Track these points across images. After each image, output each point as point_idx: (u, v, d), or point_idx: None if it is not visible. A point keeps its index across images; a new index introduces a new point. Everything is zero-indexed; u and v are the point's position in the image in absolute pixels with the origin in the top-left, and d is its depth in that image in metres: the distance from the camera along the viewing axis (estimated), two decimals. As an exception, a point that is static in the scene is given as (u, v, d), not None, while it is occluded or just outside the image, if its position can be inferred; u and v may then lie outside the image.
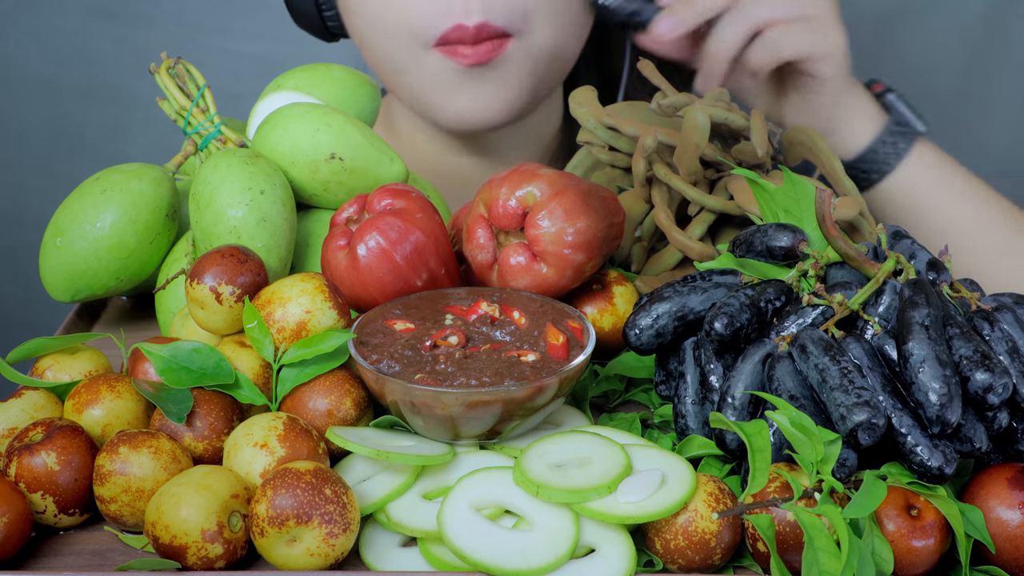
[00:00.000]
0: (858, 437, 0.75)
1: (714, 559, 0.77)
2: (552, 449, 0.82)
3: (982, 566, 0.78)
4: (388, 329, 0.88)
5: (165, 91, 1.04)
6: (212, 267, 0.89)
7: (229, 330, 0.91)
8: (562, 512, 0.78)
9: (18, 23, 1.84)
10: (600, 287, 0.98)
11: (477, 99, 1.21)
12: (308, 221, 1.04)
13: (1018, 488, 0.77)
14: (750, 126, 1.03)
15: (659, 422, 0.92)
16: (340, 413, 0.86)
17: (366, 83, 1.10)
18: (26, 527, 0.80)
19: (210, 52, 1.81)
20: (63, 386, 0.90)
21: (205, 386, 0.86)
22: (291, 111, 1.02)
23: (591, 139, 1.10)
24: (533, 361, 0.84)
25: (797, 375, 0.80)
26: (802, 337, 0.80)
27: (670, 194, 1.04)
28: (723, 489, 0.79)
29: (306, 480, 0.77)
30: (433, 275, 0.94)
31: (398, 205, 0.93)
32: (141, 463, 0.80)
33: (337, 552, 0.77)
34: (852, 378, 0.76)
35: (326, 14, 1.28)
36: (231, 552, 0.77)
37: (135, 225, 1.01)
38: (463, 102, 1.21)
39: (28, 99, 1.88)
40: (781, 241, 0.89)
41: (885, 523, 0.75)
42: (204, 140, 1.04)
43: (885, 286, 0.83)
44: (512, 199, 0.92)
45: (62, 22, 1.83)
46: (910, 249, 0.87)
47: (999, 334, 0.80)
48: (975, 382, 0.75)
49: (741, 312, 0.83)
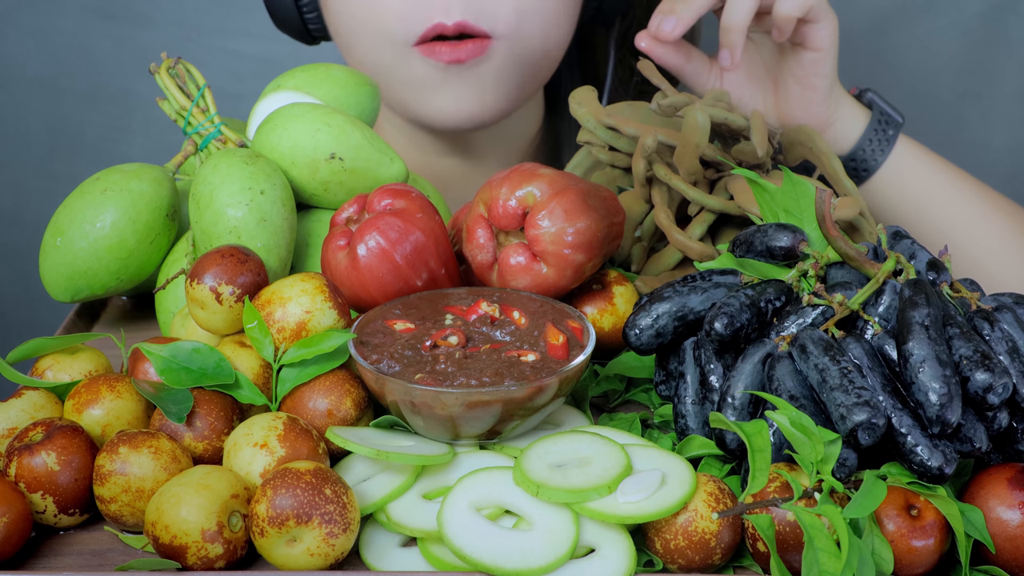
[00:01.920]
0: (858, 437, 0.75)
1: (714, 559, 0.77)
2: (552, 449, 0.82)
3: (982, 566, 0.78)
4: (388, 329, 0.88)
5: (165, 91, 1.04)
6: (212, 267, 0.89)
7: (229, 330, 0.91)
8: (562, 512, 0.78)
9: (18, 23, 1.84)
10: (600, 287, 0.98)
11: (461, 98, 1.21)
12: (308, 221, 1.04)
13: (1018, 488, 0.77)
14: (750, 126, 1.03)
15: (659, 422, 0.92)
16: (340, 413, 0.86)
17: (366, 83, 1.10)
18: (26, 527, 0.80)
19: (210, 52, 1.81)
20: (63, 386, 0.90)
21: (205, 386, 0.86)
22: (291, 111, 1.02)
23: (591, 139, 1.10)
24: (533, 361, 0.84)
25: (797, 375, 0.80)
26: (802, 337, 0.80)
27: (670, 194, 1.04)
28: (723, 489, 0.79)
29: (306, 480, 0.77)
30: (433, 275, 0.94)
31: (398, 205, 0.93)
32: (141, 463, 0.80)
33: (337, 552, 0.77)
34: (852, 378, 0.76)
35: (307, 16, 1.29)
36: (231, 552, 0.77)
37: (135, 225, 1.01)
38: (447, 101, 1.21)
39: (28, 99, 1.88)
40: (781, 241, 0.89)
41: (885, 523, 0.75)
42: (204, 140, 1.04)
43: (885, 286, 0.83)
44: (512, 199, 0.92)
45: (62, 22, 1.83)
46: (910, 249, 0.87)
47: (999, 334, 0.80)
48: (975, 382, 0.75)
49: (741, 312, 0.83)
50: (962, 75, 1.75)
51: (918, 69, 1.75)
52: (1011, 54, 1.73)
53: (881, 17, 1.74)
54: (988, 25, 1.72)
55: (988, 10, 1.72)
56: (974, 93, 1.76)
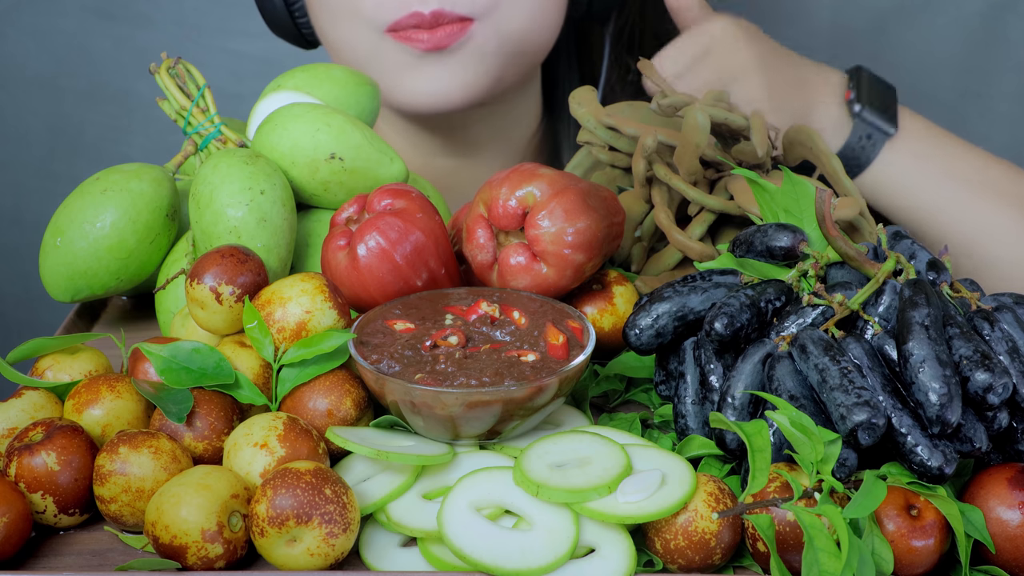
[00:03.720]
0: (858, 437, 0.75)
1: (714, 559, 0.77)
2: (552, 449, 0.82)
3: (982, 566, 0.78)
4: (388, 329, 0.88)
5: (165, 91, 1.04)
6: (212, 267, 0.89)
7: (229, 330, 0.91)
8: (562, 512, 0.78)
9: (18, 23, 1.84)
10: (600, 287, 0.98)
11: (437, 81, 1.20)
12: (308, 221, 1.04)
13: (1018, 488, 0.77)
14: (750, 126, 1.03)
15: (659, 422, 0.92)
16: (340, 413, 0.86)
17: (366, 83, 1.10)
18: (26, 527, 0.80)
19: (210, 52, 1.81)
20: (63, 386, 0.90)
21: (205, 386, 0.86)
22: (291, 111, 1.02)
23: (591, 139, 1.10)
24: (533, 361, 0.84)
25: (797, 375, 0.80)
26: (802, 337, 0.80)
27: (670, 194, 1.04)
28: (723, 489, 0.79)
29: (306, 480, 0.77)
30: (433, 275, 0.94)
31: (398, 205, 0.93)
32: (141, 463, 0.80)
33: (337, 552, 0.77)
34: (852, 378, 0.76)
35: (299, 21, 1.28)
36: (231, 552, 0.77)
37: (135, 225, 1.01)
38: (421, 84, 1.20)
39: (28, 99, 1.88)
40: (781, 241, 0.89)
41: (885, 523, 0.75)
42: (204, 140, 1.04)
43: (885, 286, 0.83)
44: (512, 199, 0.92)
45: (62, 22, 1.83)
46: (910, 249, 0.87)
47: (999, 334, 0.80)
48: (975, 382, 0.75)
49: (741, 312, 0.83)
50: (962, 75, 1.75)
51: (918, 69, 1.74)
52: (1011, 53, 1.73)
53: (881, 17, 1.74)
54: (988, 25, 1.72)
55: (988, 10, 1.72)
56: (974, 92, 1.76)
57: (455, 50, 1.18)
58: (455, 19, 1.16)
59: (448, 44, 1.17)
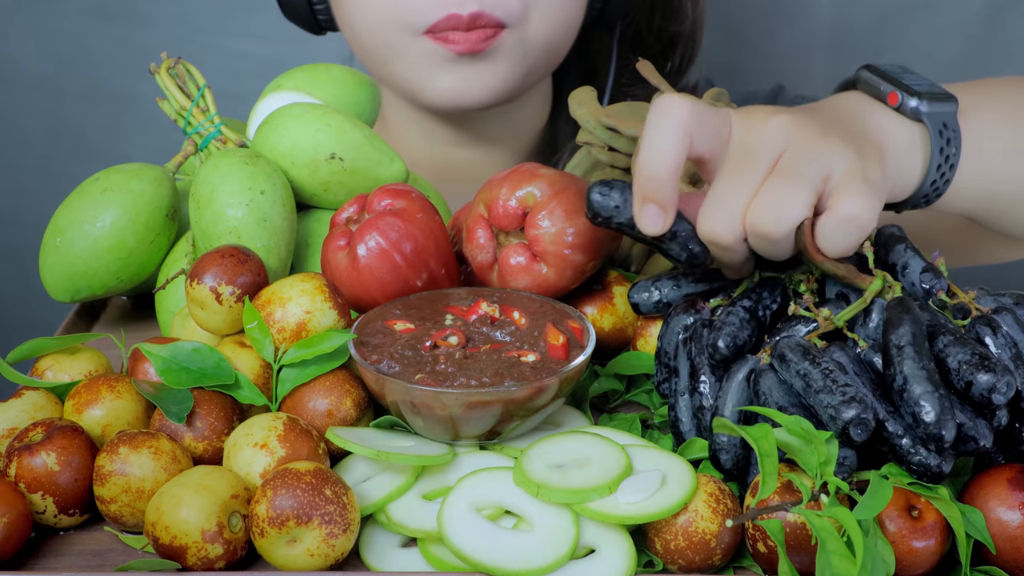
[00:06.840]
0: (851, 434, 0.74)
1: (714, 560, 0.77)
2: (552, 449, 0.82)
3: (982, 566, 0.78)
4: (388, 329, 0.88)
5: (165, 91, 1.04)
6: (212, 267, 0.89)
7: (229, 330, 0.91)
8: (562, 512, 0.78)
9: (18, 23, 1.84)
10: (600, 287, 0.98)
11: (466, 81, 1.22)
12: (308, 221, 1.04)
13: (1018, 489, 0.77)
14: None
15: (659, 422, 0.92)
16: (340, 413, 0.86)
17: (366, 83, 1.10)
18: (26, 527, 0.80)
19: (210, 52, 1.81)
20: (63, 386, 0.90)
21: (205, 386, 0.86)
22: (291, 111, 1.02)
23: (591, 139, 1.10)
24: (533, 361, 0.84)
25: (782, 385, 0.79)
26: (780, 347, 0.79)
27: (670, 194, 1.04)
28: (723, 490, 0.79)
29: (306, 480, 0.77)
30: (433, 275, 0.94)
31: (398, 205, 0.93)
32: (141, 463, 0.80)
33: (337, 552, 0.77)
34: (835, 377, 0.76)
35: (316, 7, 1.29)
36: (231, 552, 0.77)
37: (135, 225, 1.01)
38: (451, 82, 1.22)
39: (28, 99, 1.88)
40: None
41: (886, 524, 0.75)
42: (204, 140, 1.03)
43: (873, 305, 0.82)
44: (512, 199, 0.92)
45: (62, 22, 1.83)
46: (904, 257, 0.86)
47: (1002, 340, 0.80)
48: (979, 384, 0.75)
49: (742, 329, 0.83)
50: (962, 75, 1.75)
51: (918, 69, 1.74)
52: (1011, 54, 1.73)
53: (881, 17, 1.74)
54: (988, 25, 1.72)
55: (988, 10, 1.72)
56: (974, 92, 1.75)
57: (487, 54, 1.19)
58: (491, 23, 1.18)
59: (482, 48, 1.19)
